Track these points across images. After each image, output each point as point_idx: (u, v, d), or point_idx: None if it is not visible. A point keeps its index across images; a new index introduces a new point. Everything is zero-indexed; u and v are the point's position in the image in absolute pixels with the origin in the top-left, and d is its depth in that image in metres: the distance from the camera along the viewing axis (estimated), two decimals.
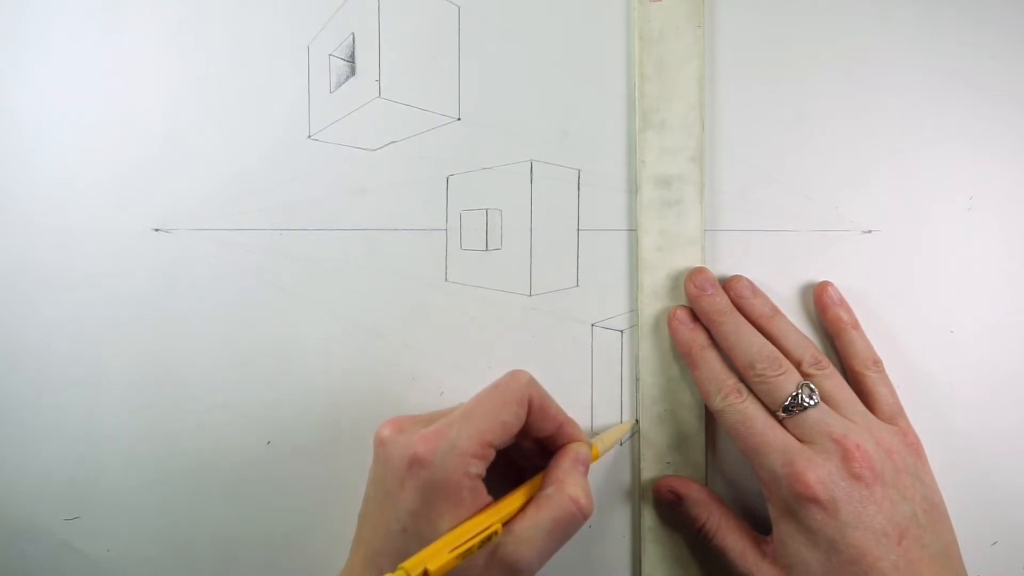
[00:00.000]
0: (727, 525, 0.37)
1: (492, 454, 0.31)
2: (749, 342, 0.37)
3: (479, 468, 0.30)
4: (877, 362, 0.39)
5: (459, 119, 0.40)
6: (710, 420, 0.40)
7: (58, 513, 0.40)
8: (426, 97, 0.40)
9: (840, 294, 0.40)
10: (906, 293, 0.41)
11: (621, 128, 0.40)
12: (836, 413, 0.35)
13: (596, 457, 0.35)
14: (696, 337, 0.38)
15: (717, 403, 0.37)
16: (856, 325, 0.39)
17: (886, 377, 0.38)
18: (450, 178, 0.40)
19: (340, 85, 0.40)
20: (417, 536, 0.29)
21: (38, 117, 0.39)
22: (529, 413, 0.32)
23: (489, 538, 0.29)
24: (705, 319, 0.38)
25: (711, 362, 0.38)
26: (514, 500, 0.32)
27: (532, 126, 0.40)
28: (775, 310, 0.39)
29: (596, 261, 0.40)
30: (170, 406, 0.40)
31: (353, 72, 0.40)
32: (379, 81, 0.39)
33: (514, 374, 0.33)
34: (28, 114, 0.39)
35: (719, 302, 0.38)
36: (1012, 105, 0.41)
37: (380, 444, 0.32)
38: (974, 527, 0.41)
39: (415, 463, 0.30)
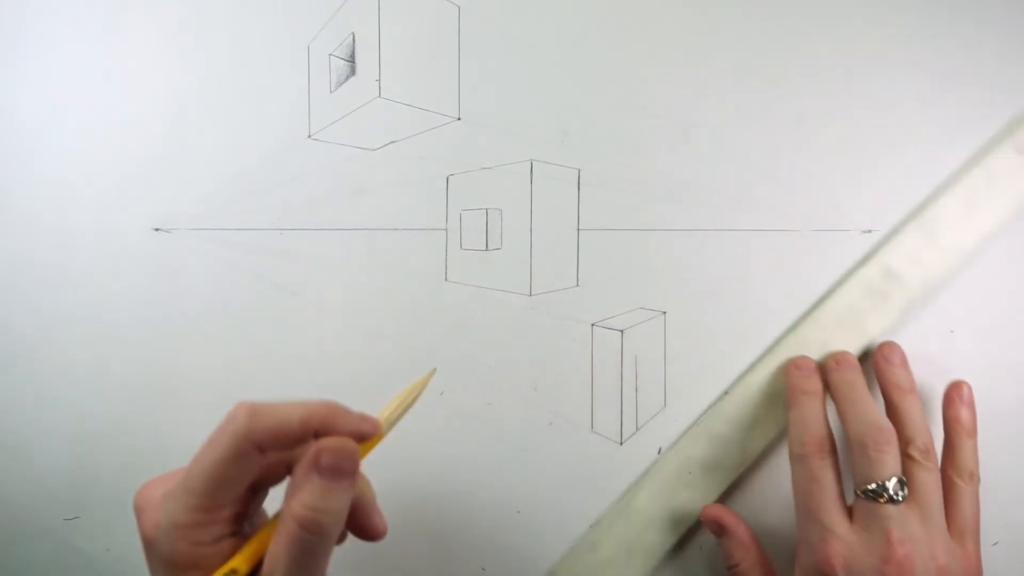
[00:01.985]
0: (759, 573, 0.37)
1: (226, 512, 0.27)
2: (864, 410, 0.35)
3: (211, 533, 0.27)
4: (974, 475, 0.37)
5: (459, 119, 0.40)
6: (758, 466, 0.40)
7: (58, 513, 0.40)
8: (426, 97, 0.40)
9: (973, 396, 0.38)
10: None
11: (621, 128, 0.40)
12: (911, 513, 0.34)
13: (379, 437, 0.30)
14: (806, 384, 0.38)
15: (796, 448, 0.36)
16: (973, 433, 0.38)
17: (976, 494, 0.37)
18: (450, 178, 0.40)
19: (340, 85, 0.40)
20: None
21: (38, 117, 0.39)
22: (265, 448, 0.27)
23: None
24: (832, 384, 0.38)
25: (810, 408, 0.37)
26: (266, 533, 0.28)
27: (532, 126, 0.40)
28: (913, 388, 0.37)
29: (596, 261, 0.40)
30: (170, 406, 0.40)
31: (353, 72, 0.40)
32: (379, 81, 0.39)
33: (228, 417, 0.28)
34: (28, 114, 0.39)
35: (851, 375, 0.38)
36: (1012, 105, 0.41)
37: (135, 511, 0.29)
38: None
39: (147, 545, 0.28)
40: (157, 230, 0.39)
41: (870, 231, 0.41)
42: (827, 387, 0.38)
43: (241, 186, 0.39)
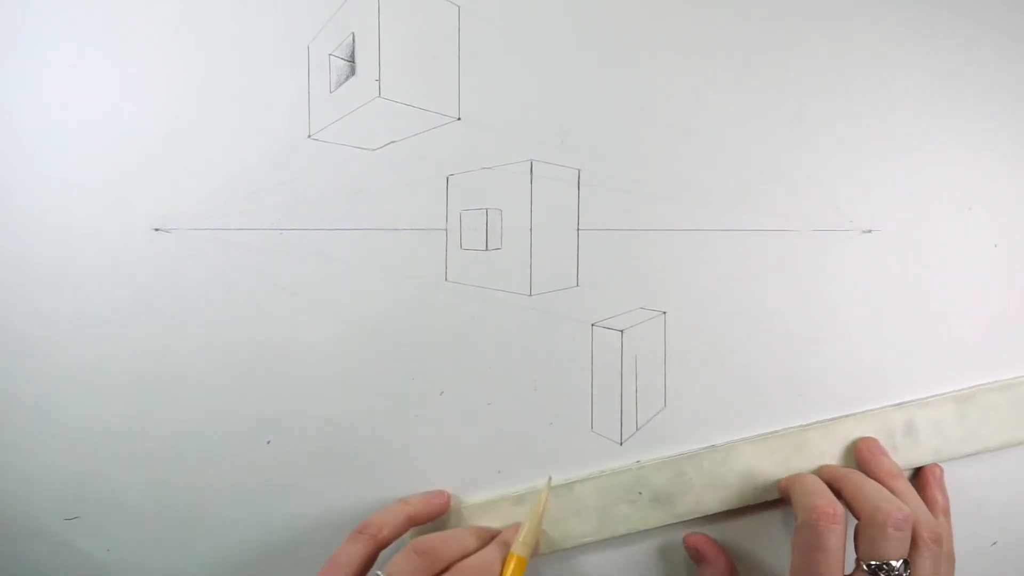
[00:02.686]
0: None
1: None
2: (879, 491, 0.36)
3: None
4: (951, 555, 0.37)
5: (459, 119, 0.40)
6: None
7: (58, 513, 0.40)
8: (426, 97, 0.40)
9: (944, 478, 0.40)
10: (906, 293, 0.41)
11: (621, 128, 0.40)
12: None
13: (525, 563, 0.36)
14: (798, 474, 0.39)
15: (804, 515, 0.36)
16: (948, 512, 0.39)
17: (952, 571, 0.37)
18: (450, 178, 0.40)
19: (340, 85, 0.39)
20: None
21: (38, 117, 0.39)
22: None
23: None
24: (832, 479, 0.38)
25: (812, 481, 0.38)
26: None
27: (532, 126, 0.40)
28: (901, 473, 0.39)
29: (596, 261, 0.40)
30: (170, 406, 0.40)
31: (353, 72, 0.40)
32: (379, 81, 0.39)
33: None
34: (28, 114, 0.39)
35: (844, 468, 0.39)
36: (1012, 104, 0.41)
37: None
38: (974, 527, 0.41)
39: None
40: (157, 230, 0.39)
41: (870, 231, 0.41)
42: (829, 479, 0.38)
43: (241, 186, 0.39)
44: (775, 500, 0.40)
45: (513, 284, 0.40)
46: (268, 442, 0.40)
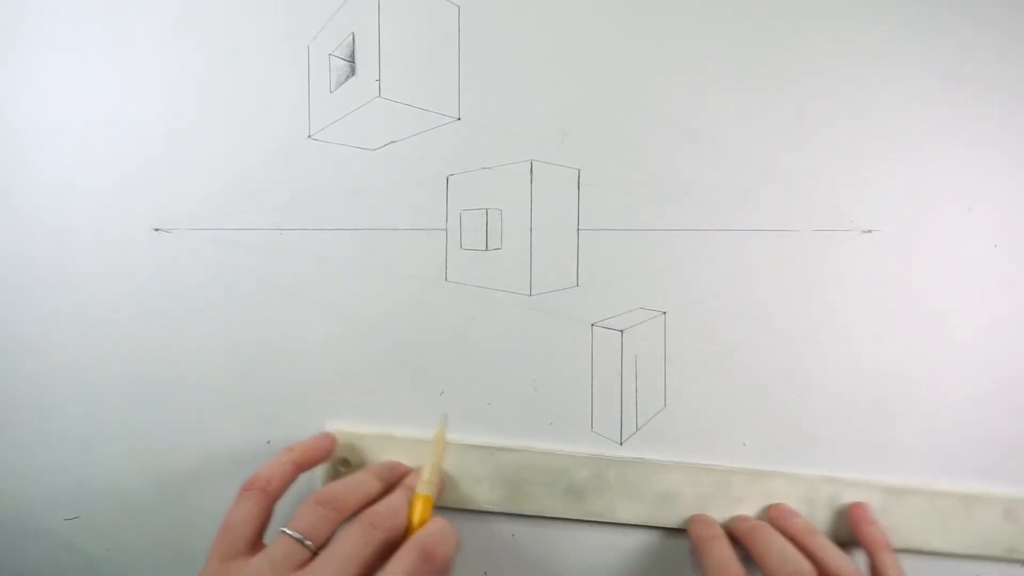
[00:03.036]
0: None
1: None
2: (784, 551, 0.36)
3: None
4: None
5: (459, 119, 0.40)
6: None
7: (58, 513, 0.40)
8: (426, 97, 0.40)
9: (871, 513, 0.40)
10: (906, 293, 0.41)
11: (621, 128, 0.40)
12: None
13: (432, 499, 0.35)
14: (711, 531, 0.39)
15: None
16: (890, 546, 0.38)
17: None
18: (450, 178, 0.40)
19: (340, 85, 0.39)
20: None
21: (38, 118, 0.39)
22: None
23: None
24: (741, 533, 0.39)
25: (721, 550, 0.38)
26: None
27: (532, 126, 0.40)
28: (814, 529, 0.39)
29: (596, 261, 0.40)
30: (170, 406, 0.40)
31: (353, 72, 0.40)
32: (379, 81, 0.39)
33: None
34: (28, 115, 0.39)
35: (753, 521, 0.39)
36: (1012, 104, 0.41)
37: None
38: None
39: None
40: (157, 230, 0.39)
41: (870, 231, 0.41)
42: (734, 537, 0.39)
43: (241, 186, 0.39)
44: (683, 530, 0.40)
45: (513, 284, 0.40)
46: (268, 442, 0.40)
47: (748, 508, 0.40)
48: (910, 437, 0.41)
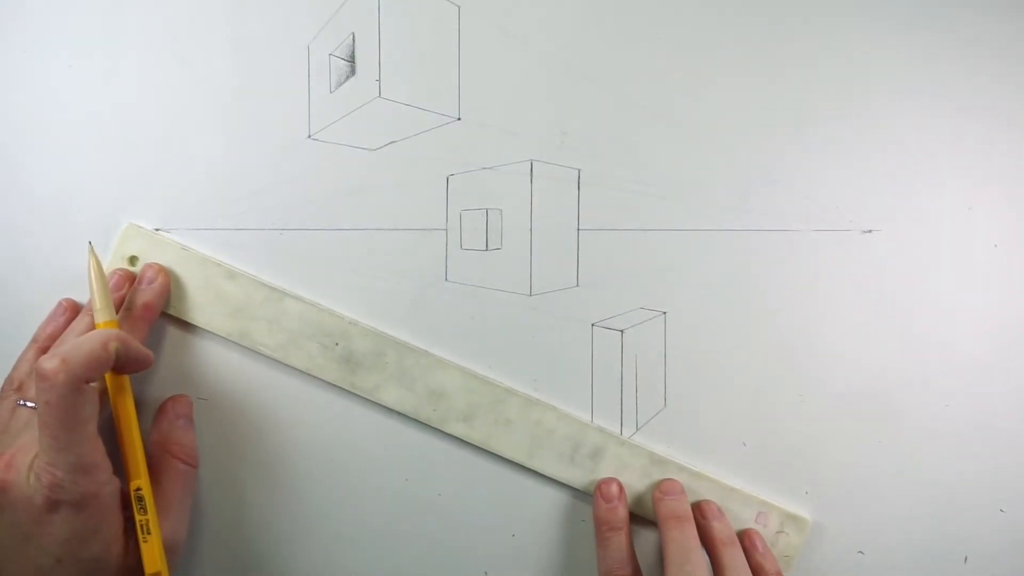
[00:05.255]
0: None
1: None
2: (680, 551, 0.36)
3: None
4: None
5: (459, 119, 0.40)
6: None
7: None
8: (426, 97, 0.40)
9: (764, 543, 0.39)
10: (906, 293, 0.41)
11: (621, 128, 0.40)
12: None
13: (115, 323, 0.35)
14: (613, 517, 0.38)
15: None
16: (734, 541, 0.38)
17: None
18: (450, 178, 0.40)
19: (340, 85, 0.40)
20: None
21: (38, 117, 0.39)
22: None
23: None
24: (659, 517, 0.38)
25: (616, 546, 0.37)
26: None
27: (532, 126, 0.40)
28: (734, 540, 0.38)
29: (596, 261, 0.40)
30: None
31: (353, 72, 0.40)
32: (379, 81, 0.39)
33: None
34: (28, 114, 0.39)
35: (681, 507, 0.38)
36: (1012, 105, 0.41)
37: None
38: (974, 527, 0.41)
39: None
40: (157, 230, 0.39)
41: (870, 231, 0.41)
42: (655, 513, 0.39)
43: (241, 186, 0.39)
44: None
45: (513, 284, 0.40)
46: (268, 442, 0.40)
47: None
48: (910, 437, 0.41)
